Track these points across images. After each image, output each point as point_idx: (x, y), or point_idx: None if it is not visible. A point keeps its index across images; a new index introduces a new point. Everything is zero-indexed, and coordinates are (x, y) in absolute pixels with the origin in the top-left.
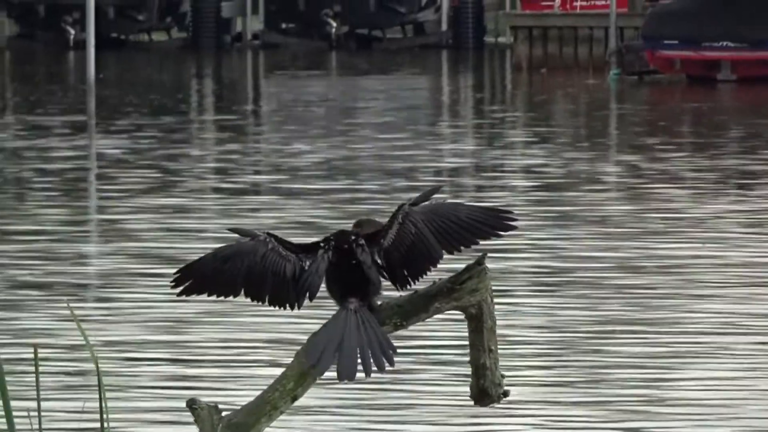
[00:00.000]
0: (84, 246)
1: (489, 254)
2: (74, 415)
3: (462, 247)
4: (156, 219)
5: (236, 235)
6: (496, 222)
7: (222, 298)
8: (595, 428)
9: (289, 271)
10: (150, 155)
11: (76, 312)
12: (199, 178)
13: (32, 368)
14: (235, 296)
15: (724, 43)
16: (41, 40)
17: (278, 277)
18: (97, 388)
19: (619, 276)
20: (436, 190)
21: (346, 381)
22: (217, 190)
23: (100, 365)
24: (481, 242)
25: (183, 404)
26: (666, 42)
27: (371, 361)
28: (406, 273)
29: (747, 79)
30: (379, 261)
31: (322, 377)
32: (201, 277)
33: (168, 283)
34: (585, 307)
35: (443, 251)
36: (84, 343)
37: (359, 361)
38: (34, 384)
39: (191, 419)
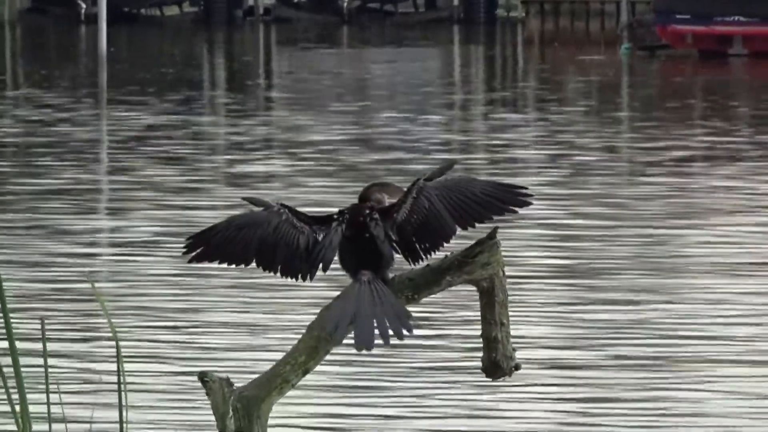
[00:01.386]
0: (94, 218)
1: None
2: (90, 385)
3: (476, 223)
4: (166, 192)
5: (250, 205)
6: (510, 198)
7: (234, 266)
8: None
9: (302, 243)
10: (161, 129)
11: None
12: (210, 152)
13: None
14: (246, 265)
15: (736, 18)
16: (53, 14)
17: (291, 248)
18: (114, 360)
19: (634, 248)
20: (451, 165)
21: (364, 350)
22: (227, 163)
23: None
24: (496, 218)
25: (195, 378)
26: (678, 16)
27: (389, 329)
28: (419, 248)
29: (759, 53)
30: (392, 235)
31: (334, 351)
32: (213, 245)
33: (180, 250)
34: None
35: (457, 226)
36: (103, 314)
37: (376, 330)
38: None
39: (203, 392)
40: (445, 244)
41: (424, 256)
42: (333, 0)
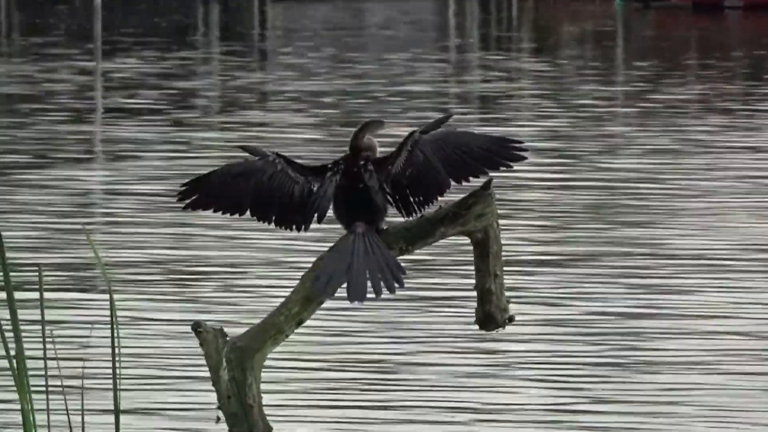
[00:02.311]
0: (88, 168)
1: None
2: (84, 334)
3: (471, 177)
4: (161, 140)
5: (246, 154)
6: (505, 152)
7: (228, 215)
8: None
9: (297, 193)
10: (155, 79)
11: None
12: (205, 102)
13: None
14: (241, 215)
15: None
16: None
17: (286, 198)
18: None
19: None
20: (447, 118)
21: (356, 303)
22: (221, 112)
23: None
24: (490, 173)
25: (188, 328)
26: None
27: (381, 283)
28: (413, 200)
29: (753, 6)
30: (386, 187)
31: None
32: (207, 193)
33: (174, 197)
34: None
35: (451, 180)
36: (96, 263)
37: (369, 283)
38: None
39: (197, 342)
40: (439, 198)
41: (417, 209)
42: None
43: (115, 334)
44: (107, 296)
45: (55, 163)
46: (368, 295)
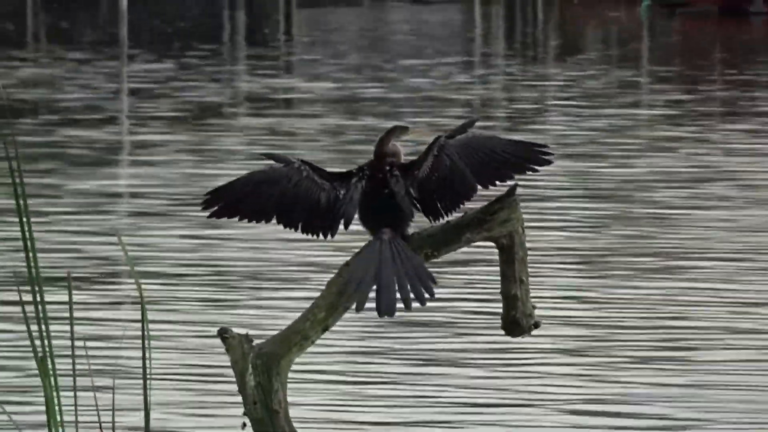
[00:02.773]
0: (116, 171)
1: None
2: (114, 341)
3: (497, 182)
4: (187, 147)
5: (270, 161)
6: (531, 156)
7: (253, 222)
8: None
9: (323, 199)
10: (181, 83)
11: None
12: (230, 107)
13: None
14: (267, 222)
15: None
16: None
17: (312, 204)
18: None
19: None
20: (473, 122)
21: (386, 316)
22: (248, 116)
23: (133, 294)
24: (517, 176)
25: (214, 334)
26: None
27: (411, 294)
28: (439, 205)
29: None
30: (412, 192)
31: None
32: (232, 201)
33: (198, 204)
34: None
35: (477, 185)
36: (129, 270)
37: (398, 295)
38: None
39: (222, 348)
40: (465, 203)
41: (444, 214)
42: None
43: (146, 342)
44: (133, 303)
45: (79, 170)
46: (398, 307)
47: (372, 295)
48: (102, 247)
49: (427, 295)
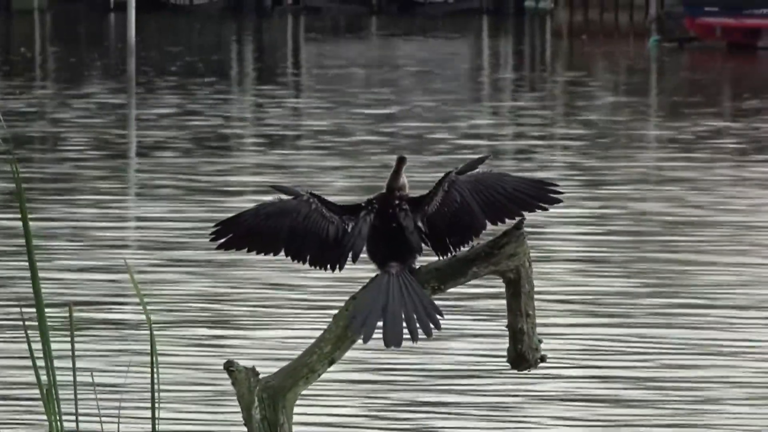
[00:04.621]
0: (123, 206)
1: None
2: (119, 373)
3: (506, 219)
4: (195, 180)
5: (279, 193)
6: (541, 194)
7: (261, 255)
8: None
9: (332, 233)
10: (189, 117)
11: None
12: (239, 141)
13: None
14: (275, 254)
15: (765, 11)
16: (83, 2)
17: (321, 238)
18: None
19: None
20: (483, 159)
21: (393, 348)
22: (256, 152)
23: (140, 324)
24: (526, 214)
25: (221, 366)
26: (706, 9)
27: (417, 326)
28: (448, 241)
29: None
30: (421, 227)
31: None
32: (242, 232)
33: (207, 236)
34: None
35: (487, 221)
36: (138, 301)
37: (405, 326)
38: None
39: (229, 381)
40: (474, 239)
41: (452, 250)
42: None
43: (155, 371)
44: (141, 332)
45: (87, 201)
46: (404, 338)
47: (379, 324)
48: (109, 278)
49: (433, 327)
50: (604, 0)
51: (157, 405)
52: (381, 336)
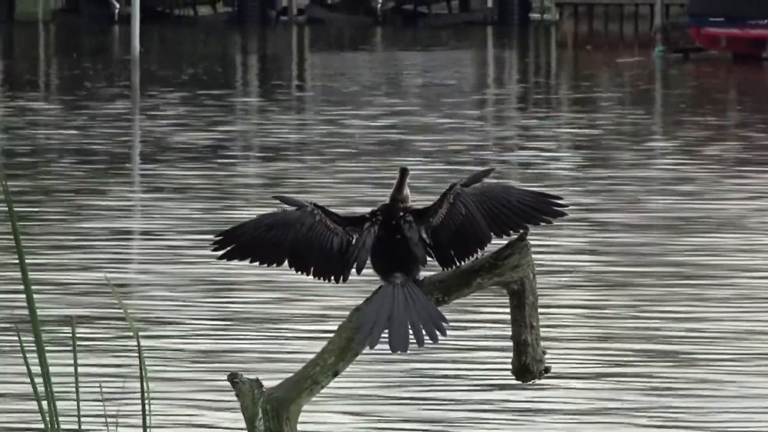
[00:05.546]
0: (126, 219)
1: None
2: (115, 393)
3: (511, 231)
4: (199, 192)
5: (282, 204)
6: (545, 207)
7: (264, 266)
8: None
9: (335, 244)
10: (194, 129)
11: (116, 286)
12: (243, 152)
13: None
14: (278, 265)
15: None
16: (86, 13)
17: (324, 249)
18: (137, 363)
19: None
20: (488, 172)
21: (398, 353)
22: (259, 163)
23: (140, 340)
24: (531, 227)
25: (224, 378)
26: (711, 19)
27: (423, 332)
28: (452, 253)
29: None
30: (426, 238)
31: (364, 352)
32: (244, 243)
33: (209, 247)
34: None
35: (491, 234)
36: (124, 317)
37: (411, 332)
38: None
39: (232, 393)
40: (478, 251)
41: (456, 262)
42: (367, 1)
43: (145, 387)
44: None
45: (90, 213)
46: (410, 344)
47: (385, 332)
48: (109, 291)
49: (438, 333)
50: (609, 10)
51: (147, 414)
52: (386, 341)
